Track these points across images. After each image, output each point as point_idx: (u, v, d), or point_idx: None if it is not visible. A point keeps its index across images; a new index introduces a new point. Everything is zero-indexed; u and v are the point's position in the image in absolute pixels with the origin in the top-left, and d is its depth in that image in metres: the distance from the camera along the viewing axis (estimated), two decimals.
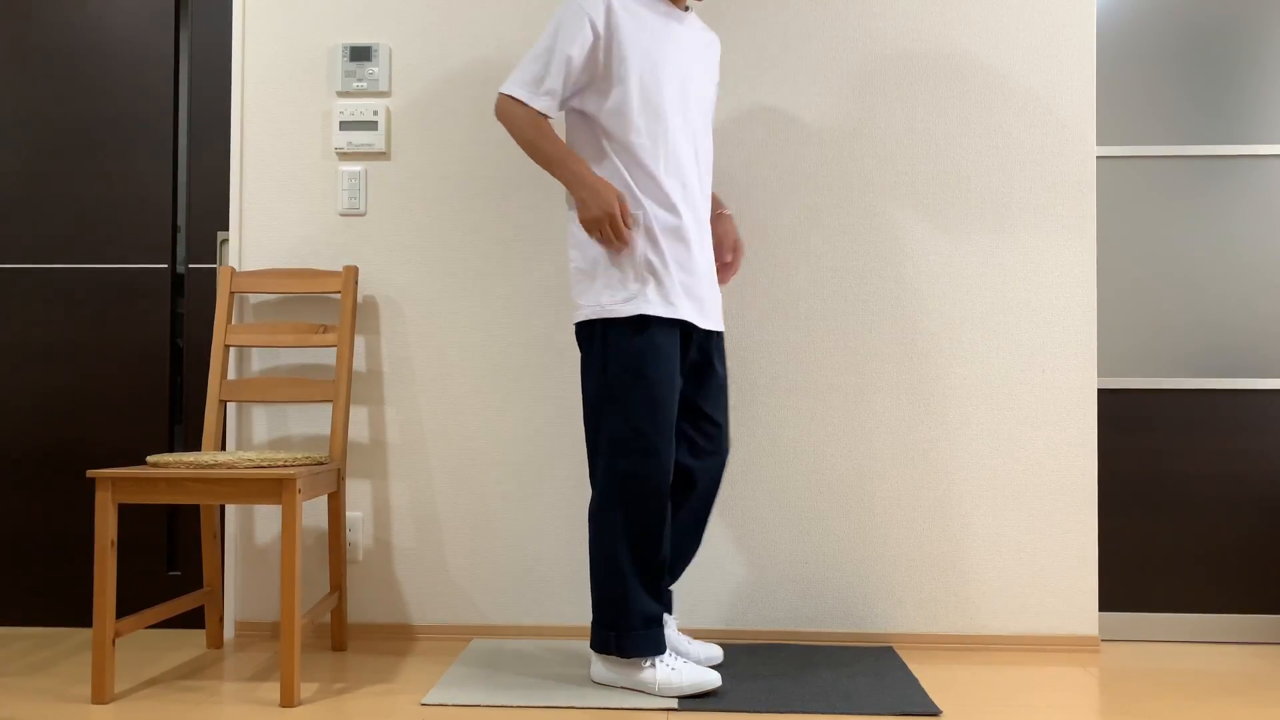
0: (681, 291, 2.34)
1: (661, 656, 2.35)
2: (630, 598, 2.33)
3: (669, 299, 2.31)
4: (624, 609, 2.33)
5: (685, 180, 2.38)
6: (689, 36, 2.46)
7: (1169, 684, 2.52)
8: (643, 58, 2.33)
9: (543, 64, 2.31)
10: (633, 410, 2.29)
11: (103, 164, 3.02)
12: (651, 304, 2.30)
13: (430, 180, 2.93)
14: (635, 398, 2.29)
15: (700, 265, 2.40)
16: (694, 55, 2.45)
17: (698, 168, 2.42)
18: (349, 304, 2.81)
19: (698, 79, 2.44)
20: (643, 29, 2.36)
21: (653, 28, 2.37)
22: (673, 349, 2.33)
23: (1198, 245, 2.99)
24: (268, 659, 2.68)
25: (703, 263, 2.41)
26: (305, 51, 2.95)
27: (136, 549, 3.00)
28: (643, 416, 2.29)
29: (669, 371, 2.31)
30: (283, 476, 2.32)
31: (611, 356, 2.31)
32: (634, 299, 2.30)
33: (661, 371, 2.30)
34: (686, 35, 2.45)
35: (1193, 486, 2.97)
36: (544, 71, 2.31)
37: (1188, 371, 2.98)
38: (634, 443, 2.30)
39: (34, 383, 3.02)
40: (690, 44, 2.45)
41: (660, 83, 2.35)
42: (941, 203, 2.87)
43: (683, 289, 2.34)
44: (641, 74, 2.33)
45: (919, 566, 2.85)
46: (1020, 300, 2.86)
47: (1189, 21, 2.99)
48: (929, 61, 2.88)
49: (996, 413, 2.85)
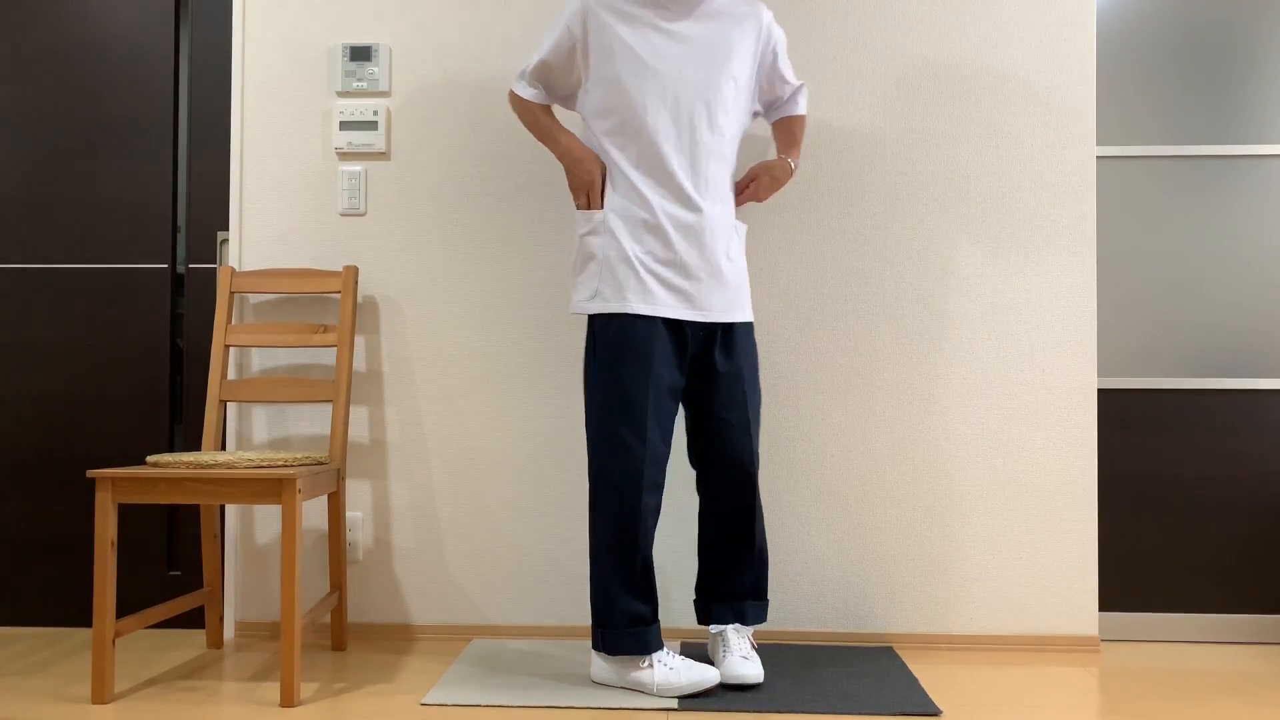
0: (656, 286, 2.36)
1: (659, 655, 2.35)
2: (613, 595, 2.35)
3: (624, 294, 2.36)
4: (610, 606, 2.35)
5: (668, 175, 2.39)
6: (693, 31, 2.43)
7: (1169, 684, 2.52)
8: (619, 60, 2.40)
9: (533, 62, 2.50)
10: (607, 404, 2.35)
11: (103, 164, 3.02)
12: (608, 301, 2.37)
13: (430, 180, 2.93)
14: (609, 392, 2.35)
15: (688, 257, 2.38)
16: (699, 49, 2.42)
17: (691, 161, 2.40)
18: (349, 304, 2.81)
19: (697, 73, 2.41)
20: (623, 31, 2.40)
21: (636, 30, 2.40)
22: (651, 343, 2.34)
23: (1198, 245, 2.99)
24: (268, 659, 2.68)
25: (693, 255, 2.38)
26: (305, 51, 2.95)
27: (136, 549, 3.00)
28: (615, 411, 2.33)
29: (643, 366, 2.33)
30: (283, 476, 2.32)
31: (593, 351, 2.40)
32: (596, 297, 2.39)
33: (634, 365, 2.33)
34: (688, 30, 2.42)
35: (1192, 486, 2.97)
36: (532, 68, 2.51)
37: (1188, 371, 2.98)
38: (608, 438, 2.34)
39: (34, 383, 3.02)
40: (695, 38, 2.42)
41: (641, 83, 2.38)
42: (941, 203, 2.87)
43: (659, 284, 2.36)
44: (618, 75, 2.40)
45: (919, 566, 2.85)
46: (1020, 300, 2.86)
47: (1189, 21, 2.99)
48: (929, 61, 2.88)
49: (996, 413, 2.85)
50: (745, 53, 2.49)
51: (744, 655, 2.42)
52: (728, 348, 2.44)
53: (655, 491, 2.37)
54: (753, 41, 2.50)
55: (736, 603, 2.50)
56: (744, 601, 2.51)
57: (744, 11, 2.50)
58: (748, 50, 2.49)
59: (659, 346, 2.35)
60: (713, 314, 2.40)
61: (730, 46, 2.46)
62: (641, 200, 2.39)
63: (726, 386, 2.43)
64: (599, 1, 2.42)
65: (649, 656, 2.35)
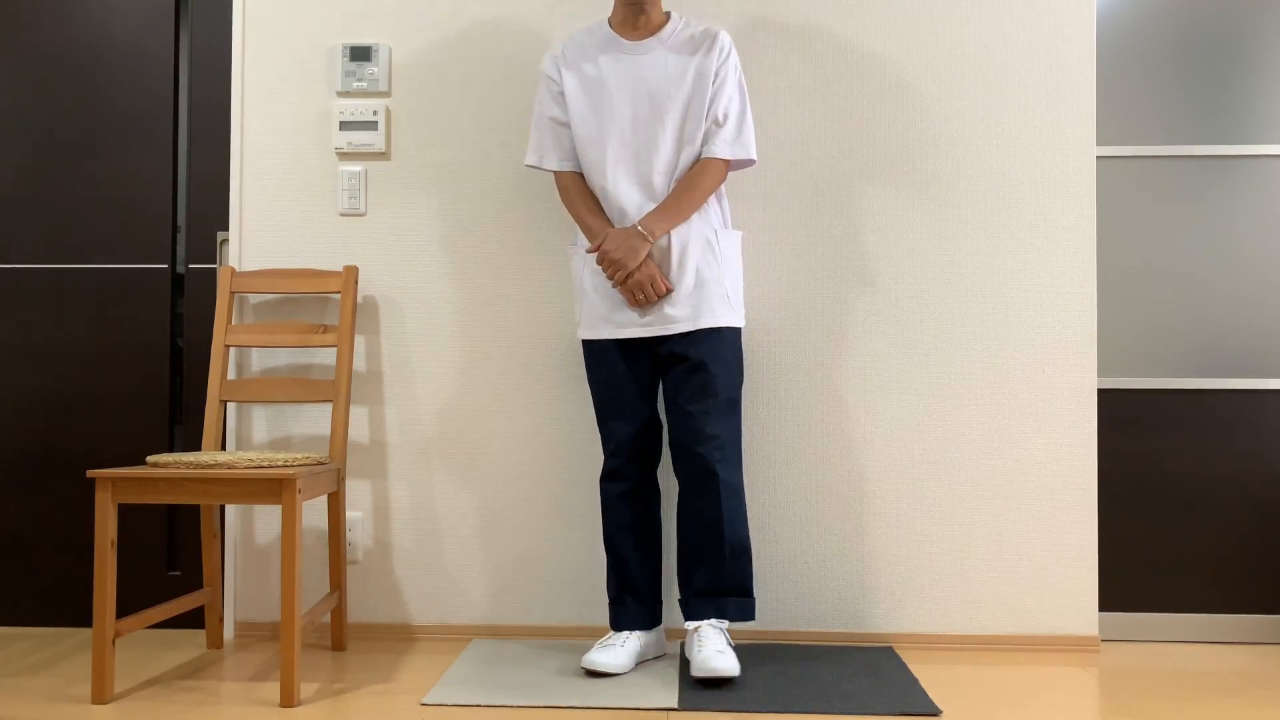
0: (615, 309, 2.55)
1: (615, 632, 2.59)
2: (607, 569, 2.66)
3: (591, 323, 2.60)
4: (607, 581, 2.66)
5: (624, 207, 2.54)
6: (649, 63, 2.55)
7: (1169, 684, 2.52)
8: (578, 105, 2.58)
9: (536, 132, 2.65)
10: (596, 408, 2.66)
11: (103, 164, 3.03)
12: (580, 328, 2.64)
13: (430, 180, 2.93)
14: (593, 398, 2.65)
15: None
16: (655, 79, 2.54)
17: (649, 188, 2.54)
18: (349, 304, 2.81)
19: (650, 103, 2.53)
20: (582, 75, 2.58)
21: (593, 71, 2.57)
22: (612, 360, 2.58)
23: (1197, 245, 2.99)
24: (268, 659, 2.68)
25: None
26: (305, 51, 2.95)
27: (136, 549, 3.00)
28: (597, 415, 2.65)
29: (607, 379, 2.59)
30: (283, 476, 2.32)
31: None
32: (579, 323, 2.64)
33: (596, 382, 2.62)
34: (644, 62, 2.55)
35: (1193, 486, 2.97)
36: (540, 137, 2.64)
37: (1188, 371, 2.98)
38: (602, 435, 2.65)
39: (34, 383, 3.02)
40: (648, 69, 2.55)
41: (600, 123, 2.56)
42: (941, 203, 2.87)
43: (618, 306, 2.55)
44: (582, 118, 2.58)
45: (919, 566, 2.85)
46: (1020, 300, 2.86)
47: (1189, 21, 2.99)
48: (929, 61, 2.88)
49: (996, 413, 2.85)
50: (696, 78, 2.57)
51: (719, 649, 2.44)
52: (696, 347, 2.53)
53: (618, 480, 2.61)
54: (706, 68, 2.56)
55: (714, 598, 2.54)
56: (723, 597, 2.54)
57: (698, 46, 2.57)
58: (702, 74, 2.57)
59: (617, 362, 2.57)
60: (675, 324, 2.52)
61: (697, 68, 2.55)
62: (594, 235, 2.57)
63: (684, 379, 2.54)
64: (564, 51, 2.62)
65: (610, 633, 2.61)
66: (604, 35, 2.61)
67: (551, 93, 2.61)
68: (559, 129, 2.61)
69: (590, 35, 2.63)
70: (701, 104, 2.53)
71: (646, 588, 2.62)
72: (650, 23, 2.59)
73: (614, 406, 2.59)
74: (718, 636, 2.50)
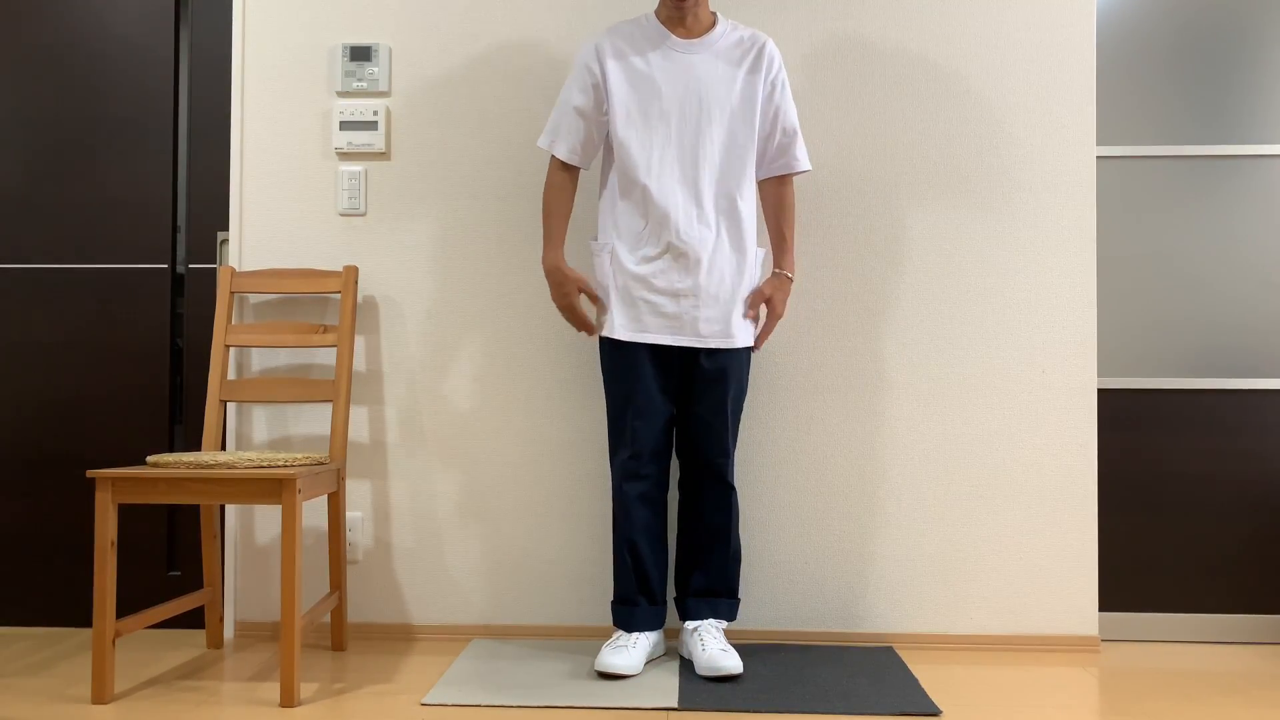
0: (645, 313, 2.51)
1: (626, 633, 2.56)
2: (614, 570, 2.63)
3: (621, 324, 2.52)
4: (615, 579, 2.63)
5: (666, 209, 2.48)
6: (698, 63, 2.52)
7: (1169, 684, 2.52)
8: (624, 99, 2.52)
9: (558, 114, 2.57)
10: (609, 410, 2.61)
11: (103, 164, 3.03)
12: (604, 327, 2.56)
13: (430, 180, 2.93)
14: (608, 400, 2.61)
15: (680, 284, 2.49)
16: (707, 81, 2.51)
17: (695, 192, 2.50)
18: (349, 304, 2.81)
19: (699, 105, 2.50)
20: (630, 69, 2.51)
21: (642, 66, 2.51)
22: (640, 362, 2.53)
23: (1197, 245, 2.99)
24: (268, 659, 2.68)
25: (685, 283, 2.49)
26: (305, 51, 2.95)
27: (136, 549, 3.00)
28: (610, 418, 2.60)
29: (633, 381, 2.53)
30: (283, 476, 2.32)
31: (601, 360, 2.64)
32: (601, 322, 2.57)
33: (619, 383, 2.56)
34: (697, 63, 2.51)
35: (1193, 486, 2.97)
36: (558, 121, 2.57)
37: (1188, 371, 2.98)
38: (612, 438, 2.61)
39: (34, 383, 3.02)
40: (700, 70, 2.51)
41: (646, 120, 2.50)
42: (941, 203, 2.87)
43: (648, 310, 2.51)
44: (627, 113, 2.51)
45: (919, 566, 2.85)
46: (1020, 300, 2.86)
47: (1188, 21, 2.99)
48: (929, 61, 2.88)
49: (996, 412, 2.85)
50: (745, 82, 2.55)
51: (722, 648, 2.50)
52: (718, 361, 2.55)
53: (638, 481, 2.56)
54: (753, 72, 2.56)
55: (710, 599, 2.61)
56: (717, 598, 2.63)
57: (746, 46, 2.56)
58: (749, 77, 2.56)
59: (641, 368, 2.53)
60: (702, 338, 2.52)
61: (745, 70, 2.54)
62: (634, 234, 2.53)
63: (704, 390, 2.55)
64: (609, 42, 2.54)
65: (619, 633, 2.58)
66: (654, 30, 2.55)
67: (583, 83, 2.53)
68: (579, 120, 2.54)
69: (637, 27, 2.56)
70: (750, 114, 2.52)
71: (660, 589, 2.63)
72: (700, 22, 2.55)
73: (637, 408, 2.54)
74: (719, 635, 2.55)
